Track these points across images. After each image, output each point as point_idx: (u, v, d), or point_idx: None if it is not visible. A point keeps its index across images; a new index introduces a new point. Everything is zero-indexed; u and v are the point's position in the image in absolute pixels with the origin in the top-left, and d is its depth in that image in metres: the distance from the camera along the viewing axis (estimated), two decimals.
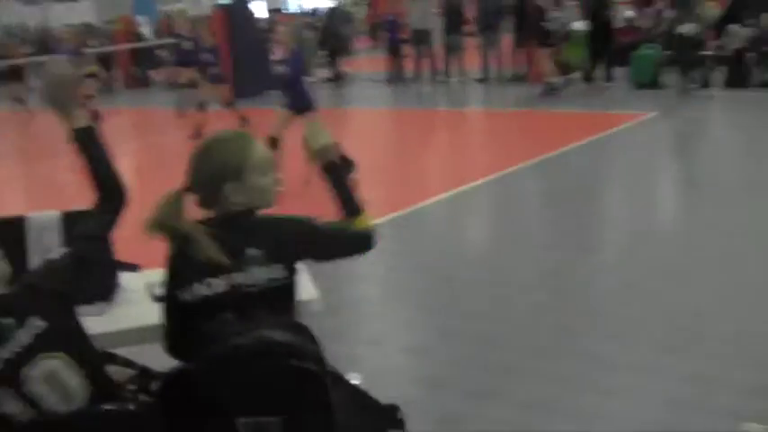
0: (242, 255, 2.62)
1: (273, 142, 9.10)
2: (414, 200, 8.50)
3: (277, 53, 9.90)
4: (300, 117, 9.20)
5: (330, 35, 20.63)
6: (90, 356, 2.49)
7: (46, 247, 3.32)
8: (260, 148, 2.72)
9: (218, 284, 2.61)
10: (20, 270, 3.19)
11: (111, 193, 2.68)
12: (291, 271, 2.69)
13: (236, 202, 2.65)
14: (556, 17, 15.30)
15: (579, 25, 15.12)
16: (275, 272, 2.64)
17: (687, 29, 14.26)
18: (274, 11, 36.80)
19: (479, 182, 9.12)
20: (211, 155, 2.68)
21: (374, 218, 2.97)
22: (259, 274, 2.63)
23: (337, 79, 20.08)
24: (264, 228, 2.70)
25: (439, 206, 8.39)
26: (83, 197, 2.83)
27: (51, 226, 3.37)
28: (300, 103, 9.32)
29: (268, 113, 13.94)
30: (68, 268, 2.50)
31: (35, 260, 3.31)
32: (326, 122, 14.46)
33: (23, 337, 2.31)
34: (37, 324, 2.33)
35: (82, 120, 2.62)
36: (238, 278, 2.62)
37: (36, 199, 10.12)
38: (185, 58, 14.89)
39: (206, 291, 2.62)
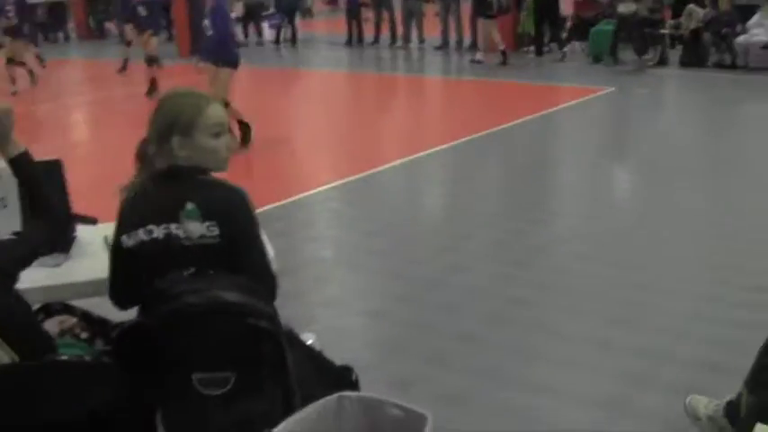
0: (181, 207, 2.65)
1: (225, 105, 8.96)
2: (368, 165, 8.48)
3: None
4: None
5: None
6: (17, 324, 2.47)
7: (1, 196, 3.28)
8: (215, 109, 2.76)
9: (156, 232, 2.65)
10: None
11: (45, 213, 2.72)
12: (224, 232, 2.67)
13: (181, 156, 2.69)
14: None
15: None
16: (209, 228, 2.65)
17: (626, 8, 14.44)
18: None
19: (435, 149, 9.12)
20: (165, 108, 2.74)
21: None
22: (194, 229, 2.64)
23: (293, 40, 19.92)
24: (208, 187, 2.73)
25: (394, 172, 8.39)
26: None
27: (6, 175, 3.31)
28: (220, 57, 9.06)
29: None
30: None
31: None
32: (262, 84, 14.30)
33: None
34: None
35: (16, 148, 2.66)
36: (175, 229, 2.65)
37: None
38: (128, 11, 14.45)
39: (145, 237, 2.66)
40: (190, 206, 2.65)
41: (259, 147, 9.53)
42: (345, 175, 8.13)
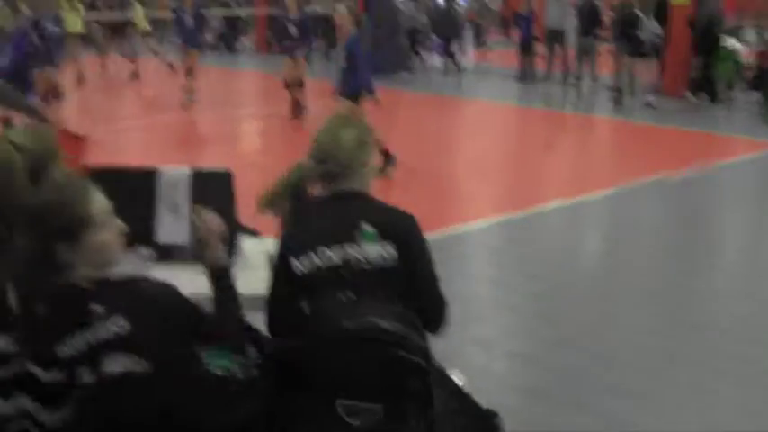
0: (356, 228, 2.65)
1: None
2: (529, 203, 8.38)
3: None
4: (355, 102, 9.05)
5: (445, 21, 20.33)
6: None
7: (173, 202, 3.38)
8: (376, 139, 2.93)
9: (331, 255, 2.64)
10: (146, 224, 3.28)
11: (229, 327, 2.56)
12: (402, 255, 2.67)
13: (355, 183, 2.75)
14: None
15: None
16: (387, 250, 2.65)
17: None
18: None
19: (598, 192, 8.93)
20: (343, 136, 2.78)
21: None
22: (372, 251, 2.64)
23: (456, 68, 19.92)
24: (381, 209, 2.76)
25: (555, 212, 8.25)
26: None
27: (181, 182, 3.42)
28: (353, 89, 9.05)
29: (397, 94, 14.00)
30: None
31: (163, 215, 3.37)
32: (431, 110, 14.35)
33: (103, 330, 2.21)
34: (121, 324, 2.20)
35: (219, 260, 2.57)
36: (352, 251, 2.64)
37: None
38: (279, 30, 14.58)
39: (319, 260, 2.64)
40: (367, 227, 2.66)
41: (420, 174, 9.57)
42: (505, 210, 8.06)
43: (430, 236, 6.61)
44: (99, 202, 2.30)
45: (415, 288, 2.69)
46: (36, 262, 2.25)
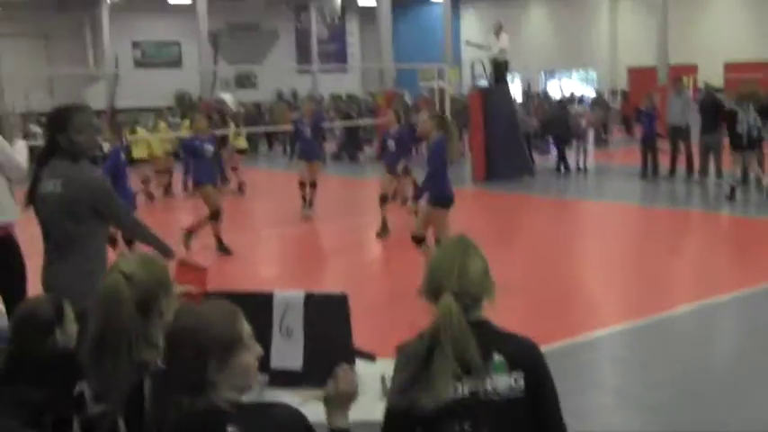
0: (489, 358, 2.60)
1: (418, 240, 8.99)
2: (653, 308, 8.22)
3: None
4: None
5: (558, 124, 20.39)
6: None
7: (287, 327, 3.50)
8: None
9: (461, 389, 2.59)
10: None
11: None
12: (528, 384, 2.63)
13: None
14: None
15: None
16: (515, 380, 2.61)
17: None
18: (527, 94, 37.29)
19: (726, 296, 8.69)
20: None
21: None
22: (501, 381, 2.60)
23: (565, 169, 19.89)
24: (506, 337, 2.71)
25: (682, 318, 8.06)
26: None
27: (295, 306, 3.54)
28: (442, 198, 8.88)
29: (521, 199, 13.99)
30: None
31: (277, 339, 3.50)
32: (553, 214, 14.25)
33: None
34: None
35: (344, 423, 2.60)
36: (482, 382, 2.59)
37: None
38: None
39: (450, 394, 2.57)
40: (498, 358, 2.61)
41: (542, 280, 9.55)
42: (630, 317, 7.96)
43: (552, 345, 6.60)
44: (245, 324, 2.39)
45: (538, 417, 2.65)
46: (184, 380, 2.29)
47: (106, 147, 10.48)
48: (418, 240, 8.91)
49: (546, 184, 18.55)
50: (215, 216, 11.57)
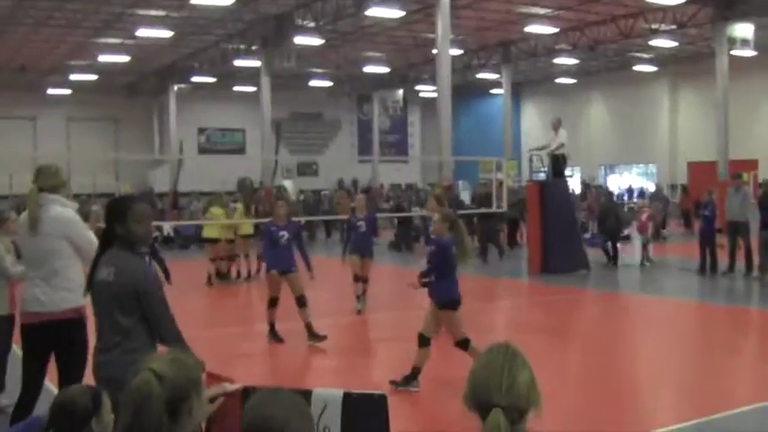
0: None
1: (463, 345, 8.84)
2: (713, 407, 8.07)
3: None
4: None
5: (609, 215, 20.33)
6: None
7: (325, 426, 3.54)
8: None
9: None
10: None
11: None
12: None
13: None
14: None
15: None
16: None
17: None
18: (587, 185, 37.27)
19: None
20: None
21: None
22: None
23: (614, 263, 19.78)
24: None
25: (740, 418, 7.89)
26: None
27: (333, 404, 3.58)
28: (444, 301, 8.83)
29: (577, 293, 13.85)
30: None
31: None
32: (610, 309, 14.06)
33: None
34: None
35: None
36: None
37: None
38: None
39: None
40: None
41: (596, 376, 9.45)
42: (688, 416, 7.81)
43: None
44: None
45: None
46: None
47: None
48: (463, 344, 8.79)
49: (602, 279, 18.43)
50: (272, 303, 11.70)
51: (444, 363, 9.38)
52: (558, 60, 37.58)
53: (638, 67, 39.96)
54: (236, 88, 41.02)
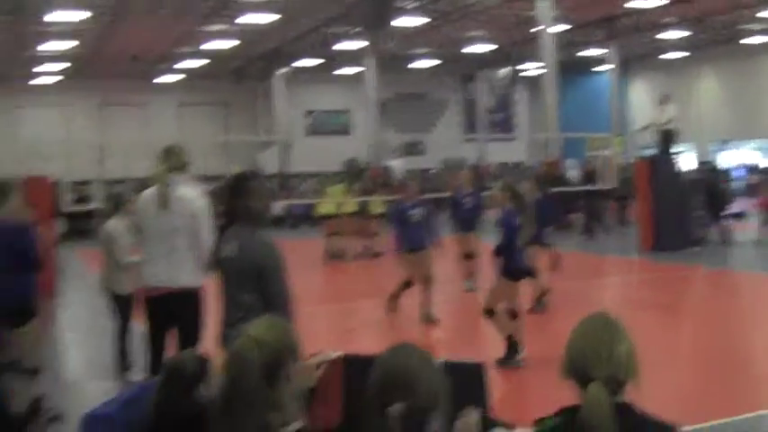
0: None
1: (489, 313, 8.87)
2: None
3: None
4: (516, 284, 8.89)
5: (713, 192, 19.72)
6: None
7: None
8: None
9: None
10: None
11: None
12: None
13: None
14: None
15: None
16: None
17: None
18: (704, 163, 36.26)
19: None
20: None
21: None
22: None
23: (723, 239, 19.20)
24: (648, 422, 2.65)
25: None
26: None
27: None
28: (512, 270, 8.80)
29: (688, 270, 13.56)
30: None
31: None
32: (722, 286, 13.71)
33: None
34: None
35: None
36: None
37: None
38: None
39: None
40: None
41: (706, 353, 9.25)
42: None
43: (720, 421, 6.40)
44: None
45: None
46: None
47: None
48: (490, 313, 8.85)
49: (715, 256, 17.93)
50: (406, 285, 11.62)
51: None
52: (665, 35, 36.54)
53: (748, 40, 38.56)
54: (338, 71, 41.29)
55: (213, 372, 3.45)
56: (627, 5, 30.98)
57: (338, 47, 34.24)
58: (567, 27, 34.42)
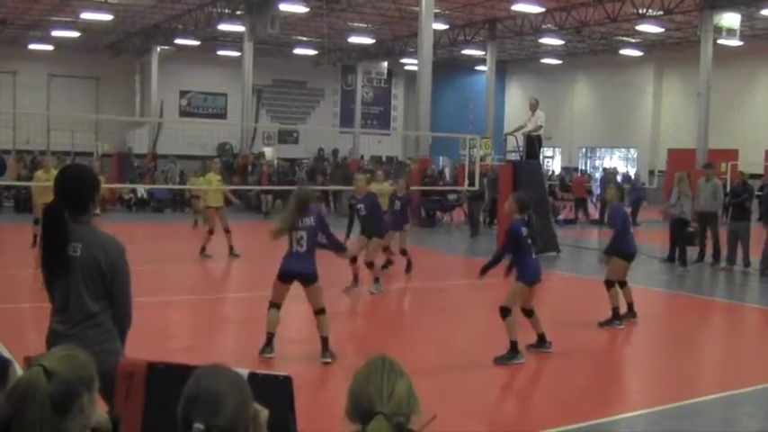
0: None
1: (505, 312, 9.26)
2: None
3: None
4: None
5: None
6: None
7: None
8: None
9: None
10: None
11: None
12: None
13: None
14: None
15: None
16: None
17: None
18: (569, 169, 37.25)
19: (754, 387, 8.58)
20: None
21: None
22: None
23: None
24: None
25: (707, 405, 7.99)
26: None
27: None
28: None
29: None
30: None
31: None
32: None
33: None
34: None
35: None
36: None
37: None
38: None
39: None
40: None
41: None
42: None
43: None
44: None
45: None
46: None
47: None
48: (504, 312, 9.19)
49: (574, 262, 18.43)
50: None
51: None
52: (544, 40, 37.43)
53: (624, 51, 39.87)
54: (219, 52, 40.75)
55: (13, 378, 3.28)
56: (510, 9, 31.51)
57: (219, 28, 33.71)
58: (448, 25, 34.87)
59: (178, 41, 37.52)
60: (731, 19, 28.57)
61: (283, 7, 29.11)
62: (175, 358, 4.04)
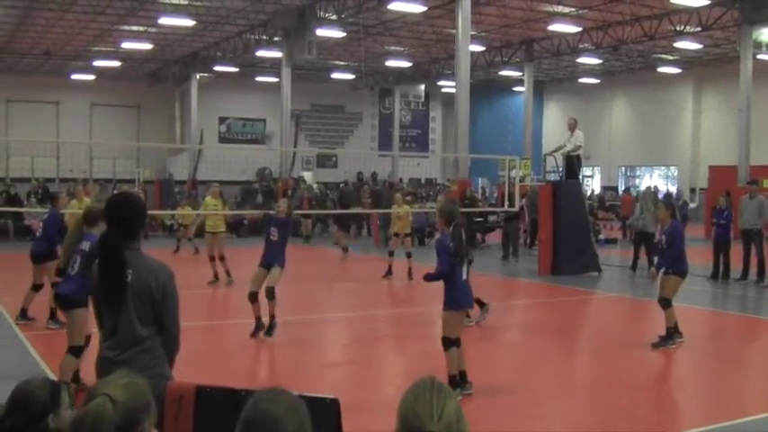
0: None
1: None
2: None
3: None
4: None
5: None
6: None
7: None
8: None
9: None
10: None
11: None
12: None
13: None
14: None
15: None
16: None
17: None
18: (608, 188, 37.02)
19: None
20: None
21: None
22: None
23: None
24: None
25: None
26: None
27: None
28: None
29: (579, 294, 13.76)
30: None
31: None
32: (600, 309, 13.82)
33: None
34: None
35: None
36: None
37: None
38: None
39: None
40: None
41: (594, 378, 9.32)
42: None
43: None
44: None
45: None
46: None
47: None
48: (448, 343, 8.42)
49: (614, 282, 18.28)
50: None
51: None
52: (582, 60, 37.33)
53: (662, 69, 39.60)
54: (257, 78, 41.08)
55: (64, 401, 3.32)
56: (547, 29, 31.53)
57: (257, 54, 34.04)
58: (485, 47, 34.91)
59: (217, 68, 37.93)
60: None
61: (320, 32, 29.29)
62: (222, 381, 4.08)
